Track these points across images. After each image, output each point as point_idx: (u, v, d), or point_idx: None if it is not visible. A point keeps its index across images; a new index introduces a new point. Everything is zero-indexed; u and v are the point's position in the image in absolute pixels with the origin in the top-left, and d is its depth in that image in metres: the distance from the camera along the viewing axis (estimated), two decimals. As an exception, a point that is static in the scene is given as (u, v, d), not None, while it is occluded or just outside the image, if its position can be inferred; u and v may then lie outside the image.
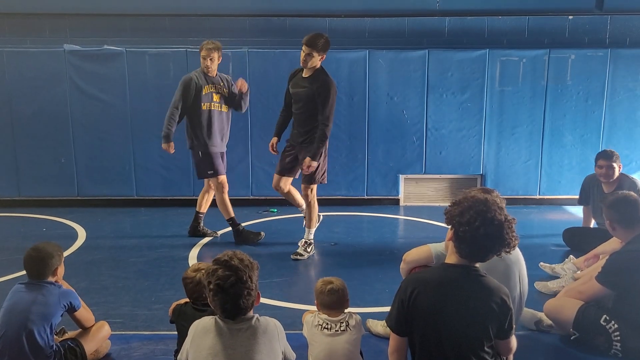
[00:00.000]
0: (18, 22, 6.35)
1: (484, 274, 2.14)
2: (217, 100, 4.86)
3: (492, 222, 2.04)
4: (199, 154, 4.86)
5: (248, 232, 5.08)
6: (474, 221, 2.03)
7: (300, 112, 4.53)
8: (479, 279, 2.11)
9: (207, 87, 4.82)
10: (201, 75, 4.83)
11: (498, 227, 2.04)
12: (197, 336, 2.05)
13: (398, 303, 2.13)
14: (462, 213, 2.08)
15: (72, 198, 6.40)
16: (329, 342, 2.54)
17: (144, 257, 4.69)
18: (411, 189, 6.62)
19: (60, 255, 2.78)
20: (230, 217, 5.02)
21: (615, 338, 2.90)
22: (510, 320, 2.11)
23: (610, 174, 4.47)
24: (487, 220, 2.03)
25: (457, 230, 2.09)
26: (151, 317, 3.48)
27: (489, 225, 2.03)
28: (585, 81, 6.23)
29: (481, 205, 2.07)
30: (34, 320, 2.58)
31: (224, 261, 2.01)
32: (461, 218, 2.07)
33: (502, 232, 2.05)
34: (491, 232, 2.04)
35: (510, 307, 2.10)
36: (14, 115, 6.21)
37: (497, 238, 2.06)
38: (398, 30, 6.43)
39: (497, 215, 2.05)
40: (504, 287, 2.16)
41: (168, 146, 4.84)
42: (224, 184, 4.96)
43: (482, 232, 2.03)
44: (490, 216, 2.04)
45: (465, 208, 2.08)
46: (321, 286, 2.66)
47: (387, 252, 4.86)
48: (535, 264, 4.23)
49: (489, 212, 2.05)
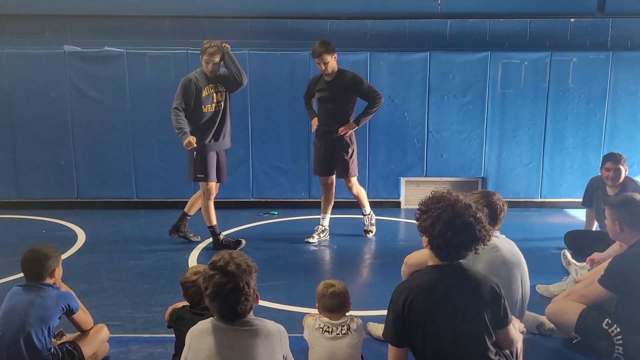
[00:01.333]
0: (18, 23, 6.34)
1: (468, 268, 2.17)
2: (218, 100, 4.75)
3: (463, 227, 2.07)
4: (193, 153, 4.74)
5: (228, 242, 4.93)
6: (446, 232, 2.07)
7: (332, 110, 4.94)
8: (466, 273, 2.15)
9: (207, 89, 4.71)
10: (202, 76, 4.71)
11: (469, 231, 2.09)
12: (195, 341, 2.03)
13: (393, 315, 2.13)
14: (432, 225, 2.10)
15: (71, 200, 6.38)
16: (330, 346, 2.52)
17: (144, 260, 4.67)
18: (412, 191, 6.60)
19: (58, 257, 2.76)
20: (211, 225, 4.90)
21: (617, 342, 2.88)
22: (504, 307, 2.13)
23: (617, 177, 4.45)
24: (457, 227, 2.07)
25: (431, 242, 2.13)
26: (150, 320, 3.46)
27: (461, 232, 2.07)
28: (587, 84, 6.21)
29: (449, 211, 2.08)
30: (31, 322, 2.56)
31: (220, 267, 1.97)
32: (432, 230, 2.10)
33: (474, 234, 2.10)
34: (464, 238, 2.09)
35: (502, 294, 2.13)
36: (13, 117, 6.19)
37: (471, 240, 2.11)
38: (399, 32, 6.42)
39: (466, 218, 2.08)
40: (491, 276, 2.19)
41: (189, 140, 4.56)
42: (212, 190, 4.85)
43: (456, 242, 2.08)
44: (460, 222, 2.07)
45: (435, 219, 2.10)
46: (323, 289, 2.65)
47: (387, 255, 4.84)
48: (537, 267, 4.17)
49: (457, 217, 2.07)
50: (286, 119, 6.15)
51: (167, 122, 6.16)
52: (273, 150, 6.33)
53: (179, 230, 5.13)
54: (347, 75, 4.90)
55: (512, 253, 2.85)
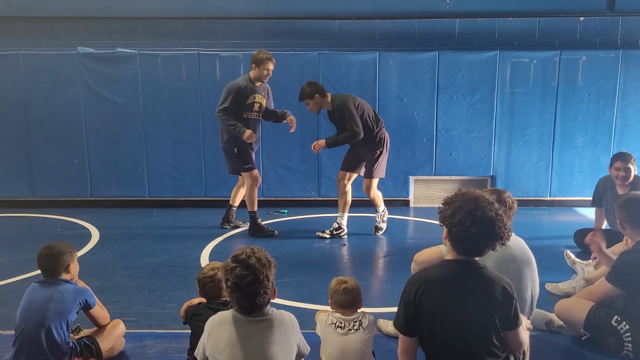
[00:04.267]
0: (33, 25, 6.46)
1: (483, 266, 2.19)
2: (256, 110, 5.09)
3: (483, 220, 2.10)
4: (234, 150, 5.06)
5: (267, 229, 5.35)
6: (465, 221, 2.09)
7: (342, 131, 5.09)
8: (480, 271, 2.16)
9: (251, 97, 5.00)
10: (250, 84, 4.99)
11: (489, 224, 2.10)
12: (214, 329, 2.09)
13: (404, 304, 2.17)
14: (453, 214, 2.14)
15: (85, 199, 6.49)
16: (342, 341, 2.56)
17: (157, 257, 4.74)
18: (421, 190, 6.63)
19: (72, 253, 2.81)
20: (253, 211, 5.26)
21: (626, 339, 2.89)
22: (515, 309, 2.14)
23: (627, 176, 4.45)
24: (477, 219, 2.09)
25: (450, 231, 2.16)
26: (164, 316, 3.53)
27: (480, 223, 2.09)
28: (597, 82, 6.21)
29: (471, 204, 2.13)
30: (50, 317, 2.62)
31: (242, 260, 2.05)
32: (453, 219, 2.13)
33: (493, 228, 2.11)
34: (483, 229, 2.10)
35: (514, 295, 2.14)
36: (28, 117, 6.30)
37: (490, 234, 2.12)
38: (408, 32, 6.45)
39: (487, 212, 2.11)
40: (504, 277, 2.20)
41: (249, 134, 4.94)
42: (258, 177, 5.28)
43: (474, 232, 2.09)
44: (480, 214, 2.10)
45: (456, 208, 2.14)
46: (336, 285, 2.69)
47: (397, 253, 4.88)
48: (546, 266, 4.20)
49: (478, 210, 2.11)
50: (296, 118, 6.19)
51: (179, 122, 6.29)
52: (283, 150, 6.39)
53: (229, 221, 5.54)
54: (335, 105, 4.95)
55: (522, 251, 2.87)
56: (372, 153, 5.10)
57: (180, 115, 6.28)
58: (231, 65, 6.16)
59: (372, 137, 5.05)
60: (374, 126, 5.06)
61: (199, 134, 6.30)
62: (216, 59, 6.21)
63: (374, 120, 5.06)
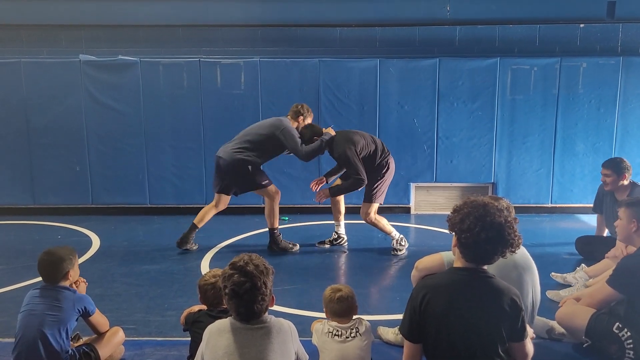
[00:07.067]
0: (35, 33, 6.49)
1: (492, 276, 2.16)
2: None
3: (492, 226, 2.08)
4: (247, 168, 4.87)
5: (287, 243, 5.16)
6: (474, 227, 2.08)
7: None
8: (488, 281, 2.14)
9: None
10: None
11: (498, 230, 2.08)
12: (213, 337, 2.09)
13: (410, 310, 2.15)
14: (462, 220, 2.13)
15: (86, 206, 6.49)
16: (341, 349, 2.55)
17: (157, 265, 4.73)
18: (422, 197, 6.62)
19: (72, 259, 2.79)
20: (274, 227, 5.11)
21: (628, 346, 2.88)
22: (522, 321, 2.12)
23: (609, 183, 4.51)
24: (486, 224, 2.08)
25: (459, 237, 2.14)
26: (164, 324, 3.52)
27: (489, 229, 2.08)
28: (597, 89, 6.21)
29: (480, 210, 2.12)
30: (49, 324, 2.62)
31: (240, 267, 2.05)
32: (462, 225, 2.12)
33: (503, 234, 2.09)
34: (492, 235, 2.08)
35: (522, 307, 2.12)
36: (29, 124, 6.32)
37: (499, 241, 2.10)
38: (409, 39, 6.47)
39: (497, 218, 2.10)
40: (513, 287, 2.18)
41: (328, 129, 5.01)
42: (278, 190, 5.12)
43: (484, 237, 2.07)
44: (490, 220, 2.09)
45: (465, 215, 2.13)
46: (330, 294, 2.68)
47: (398, 260, 4.87)
48: (548, 273, 4.21)
49: (487, 215, 2.09)
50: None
51: (180, 129, 6.31)
52: (283, 157, 6.37)
53: (187, 242, 5.08)
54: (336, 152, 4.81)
55: (523, 258, 2.86)
56: (373, 180, 4.85)
57: (181, 123, 6.29)
58: (232, 72, 6.19)
59: (373, 166, 4.85)
60: (378, 157, 4.87)
61: (200, 141, 6.30)
62: (217, 66, 6.23)
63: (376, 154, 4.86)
